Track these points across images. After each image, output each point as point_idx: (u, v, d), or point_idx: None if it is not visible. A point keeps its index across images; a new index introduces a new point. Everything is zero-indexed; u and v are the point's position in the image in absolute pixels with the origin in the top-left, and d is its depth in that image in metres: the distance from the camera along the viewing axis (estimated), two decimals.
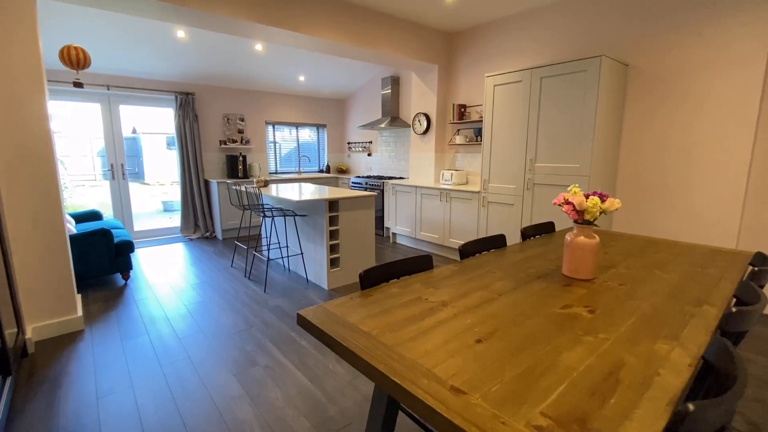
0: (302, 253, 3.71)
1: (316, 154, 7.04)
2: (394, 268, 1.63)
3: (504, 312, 1.22)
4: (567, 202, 1.58)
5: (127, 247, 3.57)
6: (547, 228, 2.50)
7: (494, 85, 3.73)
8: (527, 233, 2.36)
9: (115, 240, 3.56)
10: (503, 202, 3.79)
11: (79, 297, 2.98)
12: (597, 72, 2.98)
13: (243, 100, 5.98)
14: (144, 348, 2.46)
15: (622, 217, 3.49)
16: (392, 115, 5.79)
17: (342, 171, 7.07)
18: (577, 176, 3.17)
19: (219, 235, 5.55)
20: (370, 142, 6.55)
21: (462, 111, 4.64)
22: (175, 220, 7.09)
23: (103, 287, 3.53)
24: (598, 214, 1.53)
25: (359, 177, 6.00)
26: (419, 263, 1.71)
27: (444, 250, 4.59)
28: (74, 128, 5.81)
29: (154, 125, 10.64)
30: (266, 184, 4.30)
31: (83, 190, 8.34)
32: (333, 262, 3.49)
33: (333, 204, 3.42)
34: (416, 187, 4.73)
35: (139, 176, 10.96)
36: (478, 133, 4.47)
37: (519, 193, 3.64)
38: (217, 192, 5.34)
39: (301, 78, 5.90)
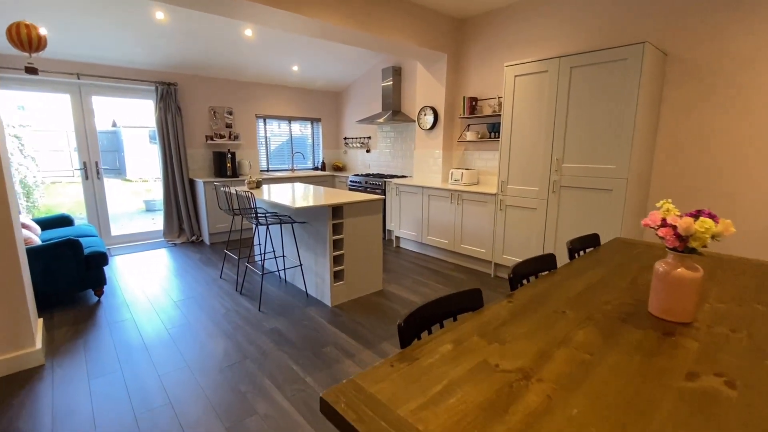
0: (301, 265, 3.30)
1: (310, 151, 6.59)
2: (439, 309, 1.25)
3: (614, 391, 0.85)
4: (664, 224, 1.22)
5: (100, 259, 3.11)
6: (592, 241, 2.15)
7: (515, 76, 3.35)
8: (574, 248, 2.00)
9: (86, 251, 3.10)
10: (524, 206, 3.43)
11: (40, 322, 2.53)
12: (639, 61, 2.62)
13: (231, 92, 5.50)
14: (116, 389, 2.04)
15: None
16: (393, 109, 5.38)
17: (338, 168, 6.65)
18: (613, 179, 2.82)
19: (206, 239, 5.09)
20: (369, 137, 6.14)
21: (473, 104, 4.26)
22: (157, 222, 6.62)
23: (72, 307, 3.08)
24: (708, 240, 1.17)
25: (358, 175, 5.59)
26: (468, 300, 1.33)
27: (454, 256, 4.23)
28: (47, 121, 5.27)
29: (135, 118, 10.05)
30: (259, 185, 3.86)
31: (60, 187, 7.74)
32: (336, 275, 3.10)
33: (337, 210, 3.02)
34: (423, 187, 4.35)
35: (120, 172, 10.37)
36: (493, 128, 4.10)
37: (543, 197, 3.28)
38: (203, 192, 4.88)
39: (295, 68, 5.44)
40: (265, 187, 4.05)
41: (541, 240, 3.34)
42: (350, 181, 5.68)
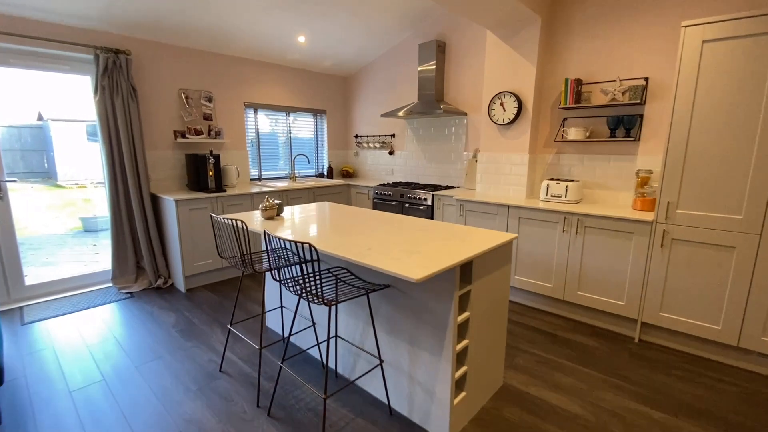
0: (382, 362, 1.87)
1: (312, 151, 5.09)
2: None
3: None
4: None
5: None
6: None
7: (703, 42, 2.15)
8: None
9: None
10: (710, 243, 2.24)
11: None
12: None
13: (211, 70, 3.89)
14: None
15: None
16: (437, 98, 4.05)
17: (347, 174, 5.20)
18: None
19: (180, 284, 3.47)
20: (393, 135, 4.75)
21: (578, 90, 3.03)
22: (101, 252, 4.87)
23: None
24: None
25: (385, 185, 4.20)
26: None
27: (564, 307, 2.98)
28: None
29: (68, 109, 7.95)
30: (280, 210, 2.38)
31: None
32: (458, 384, 1.74)
33: (465, 269, 1.65)
34: (509, 206, 3.06)
35: (49, 176, 8.21)
36: (617, 123, 2.88)
37: (751, 230, 2.11)
38: (174, 215, 3.27)
39: (301, 38, 3.94)
40: (287, 210, 2.56)
41: (742, 294, 2.17)
42: (375, 193, 4.27)
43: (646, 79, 2.77)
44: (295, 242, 1.44)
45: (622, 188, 2.98)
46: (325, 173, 5.19)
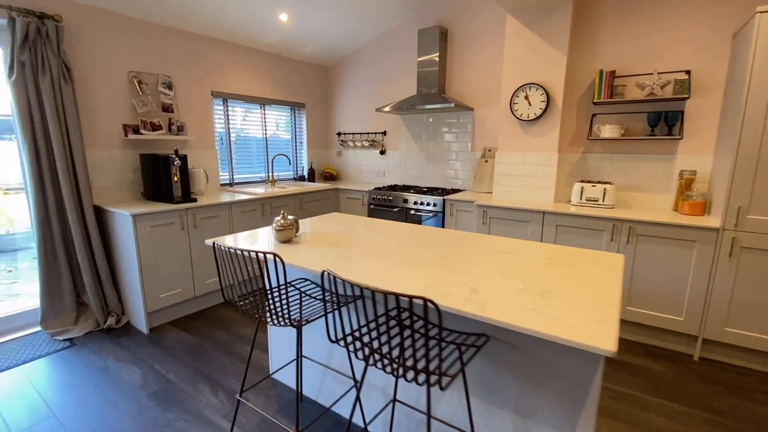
0: None
1: (288, 150, 4.43)
2: None
3: None
4: None
5: None
6: None
7: None
8: None
9: None
10: None
11: None
12: None
13: (171, 50, 3.13)
14: None
15: None
16: (440, 92, 3.63)
17: (330, 177, 4.62)
18: None
19: (141, 323, 2.69)
20: (384, 132, 4.26)
21: (611, 84, 2.76)
22: (23, 284, 3.84)
23: None
24: None
25: (382, 189, 3.71)
26: None
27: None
28: None
29: None
30: (297, 229, 1.80)
31: None
32: None
33: None
34: (544, 212, 2.71)
35: None
36: (656, 120, 2.64)
37: None
38: (130, 233, 2.51)
39: (283, 16, 3.31)
40: (304, 226, 1.97)
41: None
42: (372, 198, 3.75)
43: (688, 72, 2.56)
44: (410, 297, 0.90)
45: (658, 190, 2.77)
46: (306, 176, 4.56)
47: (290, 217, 1.78)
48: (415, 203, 3.46)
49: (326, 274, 1.11)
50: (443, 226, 3.33)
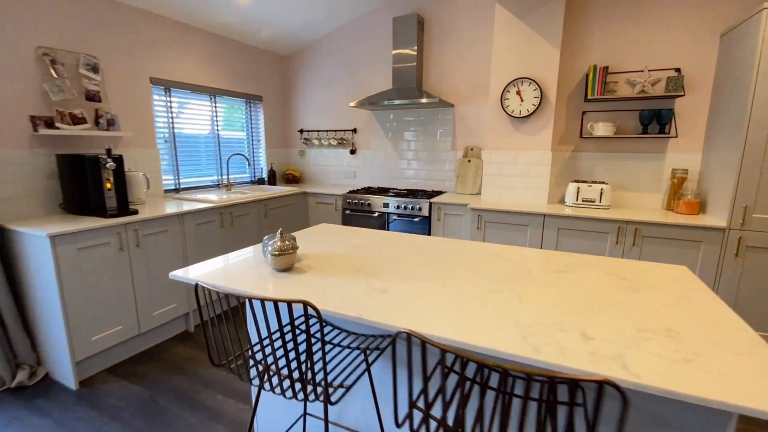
0: None
1: (243, 149, 3.87)
2: None
3: None
4: None
5: None
6: None
7: None
8: None
9: None
10: None
11: None
12: None
13: (96, 22, 2.48)
14: None
15: None
16: (417, 86, 3.36)
17: (293, 179, 4.13)
18: None
19: (67, 375, 2.04)
20: (355, 130, 3.89)
21: (604, 80, 2.67)
22: None
23: None
24: None
25: (358, 193, 3.35)
26: None
27: None
28: None
29: None
30: (295, 247, 1.38)
31: None
32: None
33: None
34: (545, 215, 2.55)
35: None
36: (649, 118, 2.59)
37: None
38: (48, 259, 1.88)
39: None
40: (305, 246, 1.54)
41: None
42: (347, 202, 3.37)
43: (678, 69, 2.54)
44: (576, 381, 0.58)
45: (648, 189, 2.74)
46: (266, 178, 4.03)
47: (291, 236, 1.37)
48: (398, 207, 3.15)
49: (408, 336, 0.75)
50: (429, 233, 3.06)
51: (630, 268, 1.36)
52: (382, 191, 3.43)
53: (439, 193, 3.38)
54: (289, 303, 0.87)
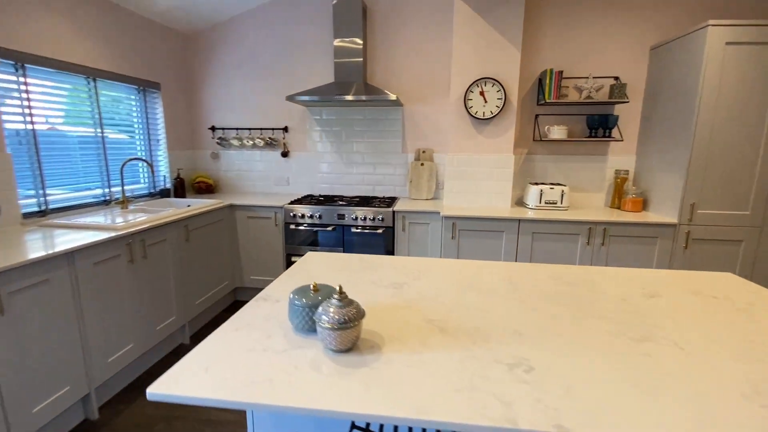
0: None
1: (136, 151, 2.96)
2: None
3: None
4: None
5: None
6: None
7: (725, 44, 2.15)
8: None
9: None
10: (723, 239, 2.35)
11: None
12: None
13: None
14: None
15: None
16: (363, 81, 3.00)
17: (206, 189, 3.35)
18: None
19: None
20: (286, 129, 3.33)
21: (559, 85, 2.73)
22: None
23: None
24: None
25: (303, 202, 2.85)
26: None
27: None
28: None
29: None
30: (361, 311, 0.93)
31: None
32: None
33: None
34: (520, 220, 2.48)
35: None
36: (597, 122, 2.73)
37: (754, 223, 2.31)
38: None
39: None
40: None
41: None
42: (290, 215, 2.84)
43: (617, 78, 2.74)
44: None
45: (594, 189, 2.93)
46: (173, 189, 3.15)
47: (354, 301, 0.92)
48: (356, 219, 2.75)
49: None
50: (394, 246, 2.76)
51: (702, 281, 1.28)
52: (329, 200, 2.99)
53: (394, 199, 3.09)
54: None
